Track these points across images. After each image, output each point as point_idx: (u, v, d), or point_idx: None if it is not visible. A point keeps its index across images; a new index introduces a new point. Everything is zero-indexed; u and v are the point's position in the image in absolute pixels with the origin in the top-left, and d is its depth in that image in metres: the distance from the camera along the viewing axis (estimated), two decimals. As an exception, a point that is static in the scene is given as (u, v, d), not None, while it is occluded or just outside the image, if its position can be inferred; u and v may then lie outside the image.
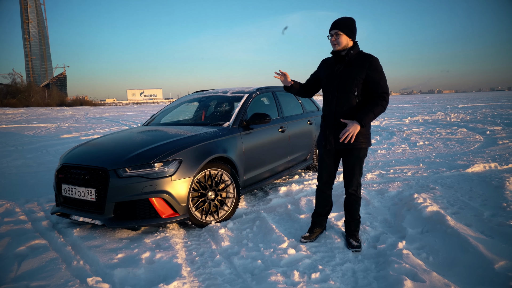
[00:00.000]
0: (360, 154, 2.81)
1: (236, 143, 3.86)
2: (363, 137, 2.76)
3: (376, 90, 2.70)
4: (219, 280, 2.44)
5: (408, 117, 15.71)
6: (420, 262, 2.51)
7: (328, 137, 2.83)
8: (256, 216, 3.60)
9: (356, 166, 2.84)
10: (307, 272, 2.51)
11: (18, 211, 3.96)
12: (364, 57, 2.73)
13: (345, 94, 2.73)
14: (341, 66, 2.78)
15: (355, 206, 2.95)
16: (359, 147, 2.78)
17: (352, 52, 2.74)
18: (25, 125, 17.67)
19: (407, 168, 5.51)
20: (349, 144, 2.74)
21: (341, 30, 2.72)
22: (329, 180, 3.04)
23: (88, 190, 3.19)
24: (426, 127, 11.29)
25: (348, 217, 2.99)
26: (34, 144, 10.07)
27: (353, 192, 2.91)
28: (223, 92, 4.85)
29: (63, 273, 2.57)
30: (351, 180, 2.88)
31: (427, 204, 3.49)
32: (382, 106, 2.68)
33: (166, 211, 3.17)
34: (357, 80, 2.70)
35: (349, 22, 2.76)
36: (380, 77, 2.70)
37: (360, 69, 2.70)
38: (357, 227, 2.98)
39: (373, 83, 2.69)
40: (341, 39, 2.73)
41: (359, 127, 2.64)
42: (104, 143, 3.81)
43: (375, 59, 2.72)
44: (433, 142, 8.07)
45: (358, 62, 2.73)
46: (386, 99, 2.70)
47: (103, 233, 3.29)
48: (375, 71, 2.70)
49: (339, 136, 2.72)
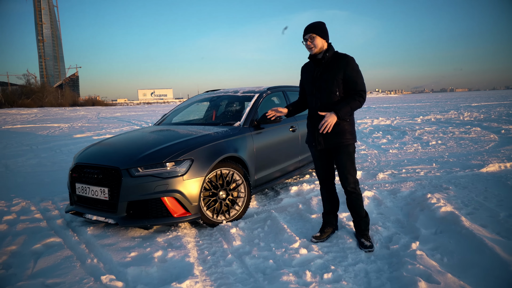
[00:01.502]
0: (349, 150, 2.88)
1: (247, 143, 3.86)
2: (349, 134, 2.85)
3: (354, 88, 2.80)
4: (231, 280, 2.45)
5: (420, 116, 15.51)
6: (435, 263, 2.48)
7: (317, 138, 2.91)
8: (267, 216, 3.59)
9: (347, 162, 2.88)
10: (319, 272, 2.50)
11: (33, 209, 4.03)
12: (340, 58, 2.83)
13: (327, 95, 2.83)
14: (320, 69, 2.88)
15: (358, 203, 2.96)
16: (347, 143, 2.85)
17: (327, 54, 2.83)
18: (39, 125, 17.98)
19: (419, 168, 5.44)
20: (338, 141, 2.84)
21: (314, 33, 2.82)
22: (328, 177, 3.08)
23: (101, 189, 3.23)
24: (438, 126, 11.13)
25: (355, 216, 3.00)
26: (48, 143, 10.24)
27: (352, 189, 2.93)
28: (233, 92, 4.86)
29: (78, 271, 2.61)
30: (347, 177, 2.90)
31: (441, 204, 3.44)
32: (359, 102, 2.78)
33: (178, 210, 3.19)
34: (336, 80, 2.80)
35: (321, 25, 2.86)
36: (357, 76, 2.80)
37: (338, 69, 2.80)
38: (367, 225, 2.98)
39: (351, 82, 2.80)
40: (316, 42, 2.82)
41: (335, 117, 2.73)
42: (116, 143, 3.86)
43: (351, 58, 2.83)
44: (446, 142, 7.95)
45: (335, 63, 2.83)
46: (363, 96, 2.81)
47: (116, 232, 3.33)
48: (352, 70, 2.79)
49: (318, 128, 2.82)
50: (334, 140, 2.84)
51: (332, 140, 2.85)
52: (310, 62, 3.00)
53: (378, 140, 8.64)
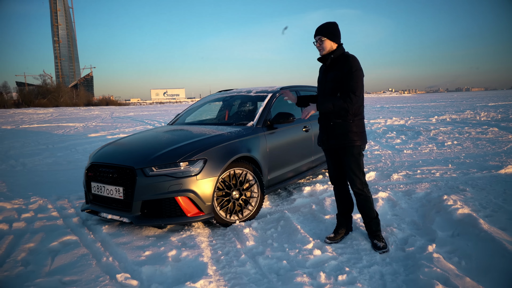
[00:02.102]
0: (354, 152, 2.84)
1: (260, 143, 3.86)
2: (355, 135, 2.82)
3: (345, 89, 2.74)
4: (244, 280, 2.45)
5: (435, 116, 15.25)
6: (452, 266, 2.43)
7: (323, 138, 2.96)
8: (280, 216, 3.58)
9: (352, 164, 2.86)
10: (334, 274, 2.47)
11: (50, 207, 4.11)
12: (343, 59, 2.82)
13: (330, 95, 2.84)
14: (328, 70, 2.90)
15: (367, 204, 2.93)
16: (352, 145, 2.82)
17: (332, 55, 2.83)
18: (55, 124, 18.33)
19: (435, 169, 5.35)
20: (341, 142, 2.84)
21: (324, 35, 2.83)
22: (340, 176, 3.07)
23: (116, 188, 3.26)
24: (454, 127, 10.92)
25: (365, 217, 2.97)
26: (64, 142, 10.43)
27: (358, 191, 2.90)
28: (246, 92, 4.86)
29: (94, 268, 2.65)
30: (352, 179, 2.89)
31: (458, 206, 3.38)
32: (343, 102, 2.71)
33: (192, 210, 3.21)
34: (338, 82, 2.79)
35: (331, 27, 2.85)
36: (351, 76, 2.73)
37: (339, 70, 2.80)
38: (378, 226, 2.95)
39: (344, 81, 2.76)
40: (325, 44, 2.84)
41: (315, 108, 2.83)
42: (131, 142, 3.90)
43: (351, 58, 2.79)
44: (462, 142, 7.80)
45: (338, 65, 2.82)
46: (351, 97, 2.71)
47: (131, 231, 3.36)
48: (348, 70, 2.75)
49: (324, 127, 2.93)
50: (337, 140, 2.85)
51: (334, 140, 2.86)
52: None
53: (392, 140, 8.53)
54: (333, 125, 2.85)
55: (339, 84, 2.78)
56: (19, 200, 4.34)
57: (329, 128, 2.87)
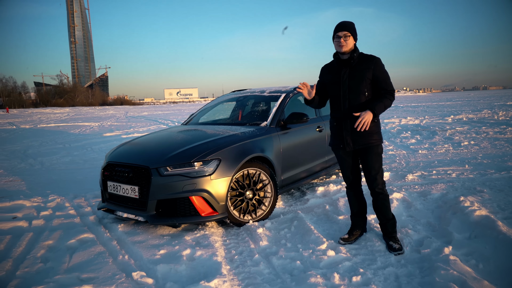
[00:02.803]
0: (378, 151, 2.85)
1: (274, 143, 3.86)
2: (377, 135, 2.84)
3: (385, 88, 2.81)
4: (258, 280, 2.46)
5: (451, 116, 14.97)
6: (469, 269, 2.39)
7: (346, 139, 2.87)
8: (293, 216, 3.58)
9: (376, 163, 2.85)
10: (348, 275, 2.46)
11: (67, 205, 4.20)
12: (368, 58, 2.83)
13: (356, 95, 2.81)
14: (346, 69, 2.84)
15: (385, 204, 2.90)
16: (376, 144, 2.83)
17: (355, 54, 2.82)
18: (71, 123, 18.70)
19: (451, 169, 5.26)
20: (366, 142, 2.81)
21: (349, 32, 2.78)
22: (356, 178, 3.04)
23: (131, 188, 3.32)
24: (471, 126, 10.70)
25: (382, 218, 2.93)
26: (80, 142, 10.63)
27: (380, 190, 2.87)
28: (260, 92, 4.87)
29: (110, 266, 2.70)
30: (375, 178, 2.86)
31: (475, 207, 3.31)
32: (390, 100, 2.79)
33: (206, 210, 3.23)
34: (365, 81, 2.79)
35: (353, 25, 2.84)
36: (386, 77, 2.82)
37: (367, 70, 2.79)
38: (394, 227, 2.92)
39: (381, 82, 2.80)
40: (349, 41, 2.79)
41: (372, 114, 2.70)
42: (146, 142, 3.95)
43: (378, 59, 2.83)
44: (479, 142, 7.64)
45: (363, 64, 2.81)
46: (394, 95, 2.82)
47: (146, 229, 3.41)
48: (381, 71, 2.80)
49: (346, 129, 2.84)
50: (363, 141, 2.82)
51: (360, 141, 2.82)
52: (333, 63, 2.95)
53: (407, 140, 8.41)
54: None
55: (367, 83, 2.78)
56: (38, 198, 4.45)
57: (355, 130, 2.80)
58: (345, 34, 2.78)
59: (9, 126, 18.02)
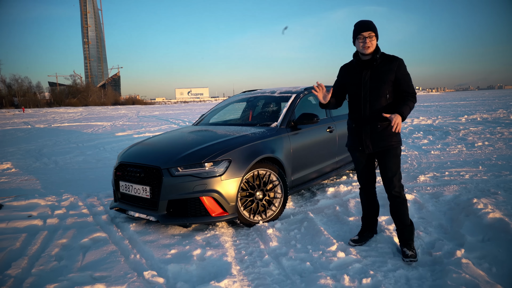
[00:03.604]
0: (397, 153, 2.80)
1: (284, 144, 3.86)
2: (396, 137, 2.78)
3: (407, 91, 2.74)
4: (268, 280, 2.47)
5: (465, 115, 14.74)
6: (482, 273, 2.36)
7: (365, 142, 2.81)
8: (303, 217, 3.58)
9: (395, 166, 2.79)
10: (358, 277, 2.45)
11: (81, 204, 4.28)
12: (390, 60, 2.75)
13: (377, 98, 2.74)
14: (368, 71, 2.77)
15: (403, 209, 2.81)
16: (396, 146, 2.78)
17: (378, 55, 2.74)
18: (84, 123, 19.00)
19: (464, 171, 5.18)
20: (386, 144, 2.76)
21: (374, 31, 2.71)
22: (371, 181, 3.01)
23: (143, 188, 3.36)
24: (485, 126, 10.52)
25: (399, 223, 2.83)
26: (93, 141, 10.79)
27: (397, 194, 2.79)
28: (270, 92, 4.88)
29: (122, 265, 2.74)
30: (392, 180, 2.78)
31: (489, 210, 3.26)
32: (413, 103, 2.74)
33: (216, 210, 3.26)
34: (387, 83, 2.72)
35: (375, 25, 2.76)
36: (409, 79, 2.76)
37: (389, 71, 2.72)
38: (411, 234, 2.80)
39: (404, 85, 2.74)
40: (374, 42, 2.72)
41: (401, 118, 2.64)
42: (157, 143, 3.99)
43: (401, 61, 2.76)
44: (494, 143, 7.50)
45: (385, 65, 2.73)
46: (416, 98, 2.78)
47: (157, 229, 3.45)
48: (404, 73, 2.74)
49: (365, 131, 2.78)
50: (383, 143, 2.76)
51: (380, 143, 2.76)
52: (352, 63, 2.87)
53: (419, 141, 8.31)
54: (380, 128, 2.75)
55: (388, 85, 2.71)
56: (52, 197, 4.54)
57: (375, 131, 2.76)
58: (370, 34, 2.68)
59: (24, 125, 18.39)
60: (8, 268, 2.68)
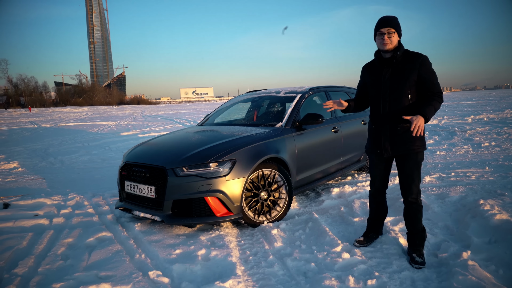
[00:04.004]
0: (417, 158, 2.65)
1: (289, 144, 3.86)
2: (420, 140, 2.63)
3: (432, 90, 2.58)
4: (272, 281, 2.47)
5: (471, 115, 14.62)
6: (489, 275, 2.34)
7: (384, 144, 2.70)
8: (308, 218, 3.57)
9: (414, 172, 2.66)
10: (363, 278, 2.45)
11: (86, 204, 4.30)
12: (413, 57, 2.59)
13: (398, 98, 2.60)
14: (388, 69, 2.64)
15: (418, 216, 2.71)
16: (418, 151, 2.64)
17: (399, 53, 2.59)
18: (89, 123, 19.11)
19: (470, 171, 5.14)
20: (407, 148, 2.62)
21: (394, 28, 2.57)
22: (383, 186, 2.93)
23: (148, 188, 3.37)
24: (492, 127, 10.43)
25: (412, 229, 2.75)
26: (98, 141, 10.85)
27: (414, 200, 2.70)
28: (275, 92, 4.87)
29: (127, 265, 2.75)
30: (410, 187, 2.68)
31: (495, 211, 3.23)
32: (439, 103, 2.56)
33: (221, 210, 3.26)
34: (409, 82, 2.57)
35: (397, 19, 2.62)
36: (434, 77, 2.59)
37: (411, 70, 2.56)
38: (422, 241, 2.73)
39: (428, 84, 2.58)
40: (394, 38, 2.58)
41: (423, 120, 2.47)
42: (162, 143, 4.01)
43: (425, 58, 2.58)
44: (501, 143, 7.44)
45: (407, 63, 2.58)
46: (442, 97, 2.60)
47: (162, 229, 3.46)
48: (427, 71, 2.57)
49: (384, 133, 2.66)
50: (403, 147, 2.62)
51: (401, 147, 2.63)
52: (374, 62, 2.77)
53: (425, 141, 8.26)
54: (400, 131, 2.61)
55: (411, 84, 2.57)
56: (58, 197, 4.57)
57: (395, 134, 2.63)
58: (389, 31, 2.56)
59: (31, 125, 18.54)
60: (15, 267, 2.71)
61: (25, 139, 12.12)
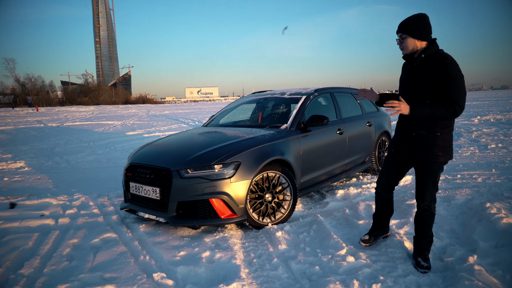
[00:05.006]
0: (433, 168, 2.53)
1: (294, 146, 3.85)
2: (440, 150, 2.48)
3: (444, 99, 2.35)
4: (276, 284, 2.46)
5: (477, 116, 14.49)
6: (495, 280, 2.31)
7: (399, 147, 2.66)
8: (313, 220, 3.56)
9: (428, 180, 2.56)
10: (367, 282, 2.43)
11: (91, 204, 4.32)
12: (436, 60, 2.41)
13: (416, 102, 2.47)
14: (413, 71, 2.54)
15: (428, 222, 2.66)
16: (433, 161, 2.51)
17: (423, 55, 2.45)
18: (95, 122, 19.21)
19: (477, 174, 5.10)
20: (423, 156, 2.53)
21: (405, 32, 2.47)
22: (388, 186, 2.89)
23: (153, 189, 3.38)
24: (499, 128, 10.33)
25: (419, 234, 2.71)
26: (103, 140, 10.91)
27: (425, 207, 2.63)
28: (280, 94, 4.86)
29: (132, 266, 2.76)
30: (423, 194, 2.61)
31: (502, 215, 3.20)
32: (446, 112, 2.34)
33: (225, 212, 3.26)
34: (427, 88, 2.42)
35: (415, 23, 2.45)
36: (453, 84, 2.32)
37: (431, 74, 2.41)
38: (429, 246, 2.70)
39: (443, 91, 2.36)
40: (407, 43, 2.48)
41: (407, 110, 2.38)
42: (167, 144, 4.01)
43: (449, 61, 2.37)
44: (508, 145, 7.36)
45: (429, 67, 2.43)
46: (456, 109, 2.33)
47: (166, 230, 3.47)
48: (448, 76, 2.34)
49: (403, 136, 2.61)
50: (419, 155, 2.53)
51: (416, 154, 2.54)
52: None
53: (431, 142, 8.20)
54: (415, 136, 2.52)
55: (430, 90, 2.41)
56: (63, 197, 4.60)
57: (411, 139, 2.55)
58: (401, 36, 2.49)
59: (37, 124, 18.69)
60: (21, 268, 2.73)
61: (32, 138, 12.22)
